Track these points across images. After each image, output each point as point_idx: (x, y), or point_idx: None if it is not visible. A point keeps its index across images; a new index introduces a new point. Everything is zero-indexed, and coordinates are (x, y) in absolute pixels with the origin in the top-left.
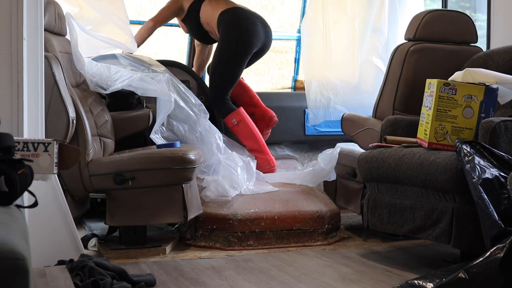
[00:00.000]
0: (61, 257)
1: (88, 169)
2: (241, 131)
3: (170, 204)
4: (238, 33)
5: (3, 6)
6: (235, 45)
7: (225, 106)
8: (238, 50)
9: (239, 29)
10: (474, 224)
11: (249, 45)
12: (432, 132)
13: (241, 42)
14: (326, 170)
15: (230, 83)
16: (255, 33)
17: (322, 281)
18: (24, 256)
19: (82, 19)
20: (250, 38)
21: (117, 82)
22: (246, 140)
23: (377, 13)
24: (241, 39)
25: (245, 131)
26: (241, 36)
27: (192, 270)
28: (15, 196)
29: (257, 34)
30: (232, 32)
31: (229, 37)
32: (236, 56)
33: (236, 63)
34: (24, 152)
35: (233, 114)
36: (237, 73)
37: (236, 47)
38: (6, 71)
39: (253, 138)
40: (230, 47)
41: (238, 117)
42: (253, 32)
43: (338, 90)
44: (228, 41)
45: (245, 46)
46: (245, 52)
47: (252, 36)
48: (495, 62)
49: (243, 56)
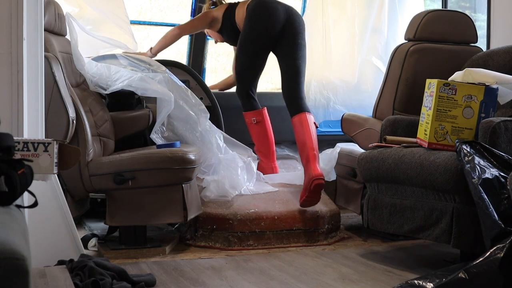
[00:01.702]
0: (61, 257)
1: (88, 169)
2: (257, 131)
3: (170, 204)
4: (252, 20)
5: (3, 6)
6: (249, 32)
7: (249, 101)
8: (252, 37)
9: (254, 16)
10: (474, 224)
11: (264, 30)
12: (432, 132)
13: (254, 28)
14: (326, 170)
15: (251, 72)
16: (270, 17)
17: (322, 281)
18: (24, 256)
19: (82, 19)
20: (263, 22)
21: (117, 82)
22: (258, 141)
23: (377, 13)
24: (255, 26)
25: (261, 133)
26: (255, 22)
27: (192, 270)
28: (15, 196)
29: (272, 18)
30: (247, 20)
31: (245, 25)
32: (252, 43)
33: (254, 51)
34: (24, 152)
35: (255, 112)
36: (256, 61)
37: (250, 34)
38: (6, 71)
39: (265, 142)
40: (246, 35)
41: (259, 117)
42: (267, 16)
43: (338, 90)
44: (245, 29)
45: (258, 32)
46: (260, 38)
47: (265, 20)
48: (495, 62)
49: (259, 42)
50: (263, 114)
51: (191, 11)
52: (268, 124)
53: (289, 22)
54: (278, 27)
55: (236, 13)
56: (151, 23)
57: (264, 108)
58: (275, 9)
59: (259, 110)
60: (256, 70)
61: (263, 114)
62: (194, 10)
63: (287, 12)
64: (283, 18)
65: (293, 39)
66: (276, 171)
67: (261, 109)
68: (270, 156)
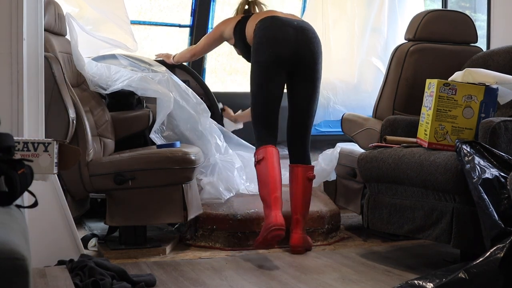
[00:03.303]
0: (61, 257)
1: (88, 169)
2: (258, 172)
3: (170, 204)
4: (257, 44)
5: (3, 6)
6: (255, 55)
7: (256, 136)
8: (258, 62)
9: (259, 39)
10: (474, 224)
11: (268, 55)
12: (432, 132)
13: (260, 53)
14: (327, 170)
15: (258, 102)
16: (277, 42)
17: (322, 281)
18: (24, 256)
19: (82, 19)
20: (268, 47)
21: (117, 82)
22: (259, 185)
23: (377, 13)
24: (260, 50)
25: (261, 174)
26: (260, 46)
27: (192, 270)
28: (15, 196)
29: (280, 42)
30: (254, 42)
31: (252, 48)
32: (257, 70)
33: (258, 78)
34: (24, 152)
35: (257, 151)
36: (262, 91)
37: (256, 58)
38: (6, 71)
39: (265, 186)
40: (253, 59)
41: (259, 156)
42: (273, 40)
43: (338, 90)
44: (252, 53)
45: (262, 58)
46: (263, 64)
47: (271, 46)
48: (495, 62)
49: (264, 69)
50: (264, 152)
51: (191, 11)
52: (272, 164)
53: (301, 48)
54: (285, 54)
55: (247, 28)
56: (151, 23)
57: (269, 146)
58: (280, 32)
59: (261, 148)
60: (263, 101)
61: (264, 152)
62: (194, 10)
63: (299, 35)
64: (294, 44)
65: (304, 72)
66: (274, 222)
67: (264, 147)
68: (271, 204)
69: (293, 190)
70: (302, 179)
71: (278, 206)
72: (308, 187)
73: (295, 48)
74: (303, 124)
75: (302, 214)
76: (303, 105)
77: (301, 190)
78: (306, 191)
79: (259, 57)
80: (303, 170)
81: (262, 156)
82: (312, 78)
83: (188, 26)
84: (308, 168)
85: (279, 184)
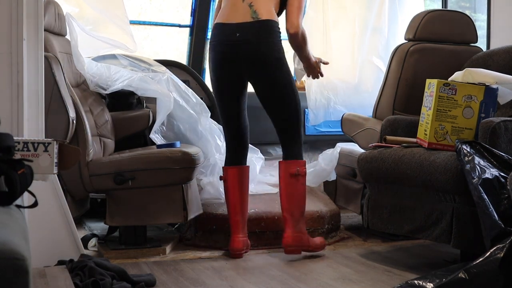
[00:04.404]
0: (61, 257)
1: (88, 169)
2: (225, 192)
3: (170, 204)
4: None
5: (3, 6)
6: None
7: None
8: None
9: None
10: (474, 224)
11: (212, 70)
12: (432, 132)
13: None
14: (327, 170)
15: (222, 120)
16: (215, 50)
17: (322, 281)
18: (24, 256)
19: (82, 19)
20: (212, 58)
21: (117, 82)
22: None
23: (377, 13)
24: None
25: (225, 196)
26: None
27: (192, 270)
28: (15, 196)
29: (217, 47)
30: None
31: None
32: (212, 85)
33: (215, 94)
34: (24, 152)
35: (223, 169)
36: (221, 108)
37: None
38: (6, 71)
39: (228, 209)
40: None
41: (223, 176)
42: (213, 50)
43: (338, 90)
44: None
45: (211, 72)
46: (214, 78)
47: (213, 61)
48: (495, 62)
49: (215, 84)
50: (226, 172)
51: (191, 11)
52: (232, 185)
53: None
54: (224, 58)
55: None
56: (151, 23)
57: (231, 168)
58: (216, 39)
59: (224, 167)
60: (224, 119)
61: (226, 172)
62: (194, 10)
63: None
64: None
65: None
66: (236, 245)
67: (227, 167)
68: (231, 229)
69: (279, 187)
70: (283, 175)
71: (238, 230)
72: (291, 183)
73: (229, 47)
74: (278, 119)
75: (289, 211)
76: (267, 102)
77: (283, 186)
78: (289, 187)
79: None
80: (284, 166)
81: (224, 177)
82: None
83: (188, 26)
84: (291, 163)
85: (239, 208)
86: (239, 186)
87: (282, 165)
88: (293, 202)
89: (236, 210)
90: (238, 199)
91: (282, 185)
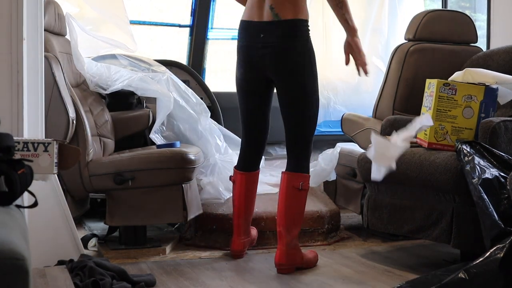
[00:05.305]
0: (61, 257)
1: (88, 169)
2: (233, 193)
3: (170, 204)
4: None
5: (3, 6)
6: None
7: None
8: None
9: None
10: (474, 224)
11: (238, 68)
12: (432, 132)
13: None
14: (327, 170)
15: (241, 119)
16: (241, 51)
17: (322, 281)
18: (24, 256)
19: (82, 19)
20: (238, 58)
21: (117, 82)
22: (233, 208)
23: (377, 13)
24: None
25: (232, 196)
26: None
27: (192, 270)
28: (15, 196)
29: (244, 49)
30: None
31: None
32: (236, 83)
33: (238, 92)
34: (24, 152)
35: (234, 171)
36: (241, 106)
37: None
38: (6, 71)
39: (233, 207)
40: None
41: (233, 177)
42: (239, 52)
43: (338, 90)
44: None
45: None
46: (238, 77)
47: (238, 60)
48: (495, 62)
49: (238, 83)
50: (235, 174)
51: (191, 11)
52: (239, 187)
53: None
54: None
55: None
56: (151, 23)
57: (240, 173)
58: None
59: (234, 169)
60: (243, 118)
61: (235, 174)
62: (194, 10)
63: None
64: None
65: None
66: (235, 247)
67: (236, 171)
68: (234, 229)
69: (278, 199)
70: (286, 187)
71: (240, 232)
72: (293, 197)
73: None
74: (291, 131)
75: (285, 227)
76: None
77: (284, 198)
78: (290, 201)
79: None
80: (288, 177)
81: (233, 179)
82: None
83: (188, 26)
84: (296, 176)
85: (243, 211)
86: (246, 191)
87: (285, 177)
88: (291, 217)
89: (240, 213)
90: (243, 203)
91: (282, 198)
